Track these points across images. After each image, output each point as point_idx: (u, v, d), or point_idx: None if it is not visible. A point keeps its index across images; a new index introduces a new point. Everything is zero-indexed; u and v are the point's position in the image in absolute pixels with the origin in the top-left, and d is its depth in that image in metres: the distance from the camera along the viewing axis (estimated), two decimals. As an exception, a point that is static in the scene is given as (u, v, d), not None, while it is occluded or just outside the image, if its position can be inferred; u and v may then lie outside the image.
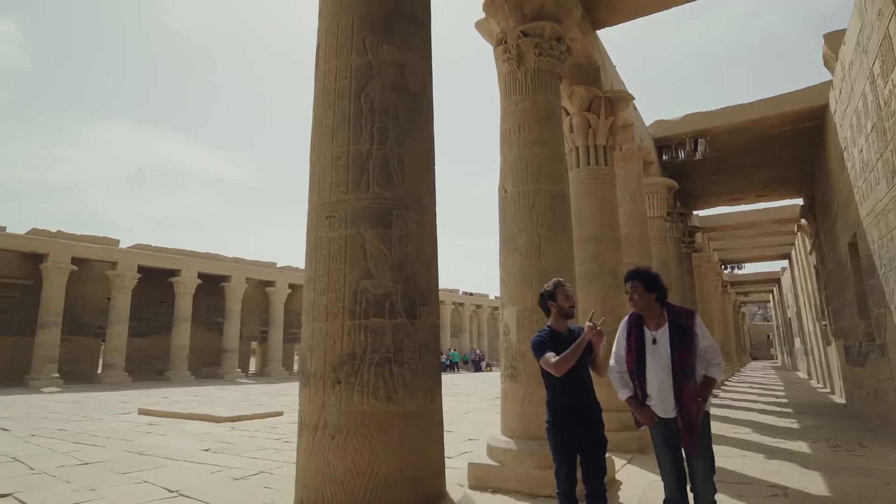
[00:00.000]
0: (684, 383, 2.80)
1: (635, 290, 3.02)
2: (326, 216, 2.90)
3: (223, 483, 5.67)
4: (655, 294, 3.01)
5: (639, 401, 2.98)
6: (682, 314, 2.98)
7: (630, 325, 3.09)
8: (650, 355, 2.94)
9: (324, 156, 2.99)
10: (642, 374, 2.95)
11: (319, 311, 2.82)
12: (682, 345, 2.85)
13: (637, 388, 2.98)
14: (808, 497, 4.62)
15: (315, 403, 2.74)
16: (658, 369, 2.89)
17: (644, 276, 3.03)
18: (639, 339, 3.00)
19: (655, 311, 3.01)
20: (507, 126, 5.61)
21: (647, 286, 2.99)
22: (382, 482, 2.60)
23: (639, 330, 3.02)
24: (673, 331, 2.91)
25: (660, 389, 2.89)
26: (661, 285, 3.04)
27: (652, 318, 3.01)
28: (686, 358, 2.83)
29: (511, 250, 5.31)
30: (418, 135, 3.09)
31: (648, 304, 2.99)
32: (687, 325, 2.90)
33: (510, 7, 5.59)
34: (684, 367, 2.82)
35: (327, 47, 3.16)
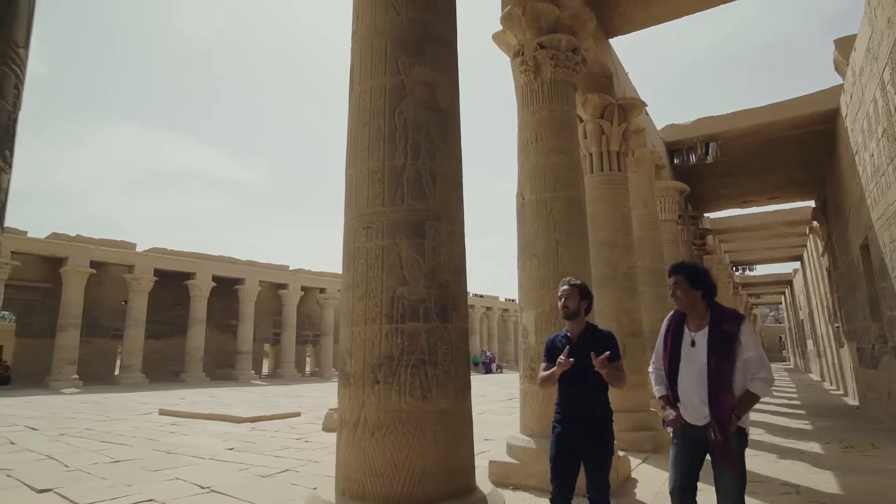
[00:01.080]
0: (720, 395, 2.56)
1: (678, 286, 2.77)
2: (364, 227, 3.11)
3: (251, 480, 5.88)
4: (702, 291, 2.75)
5: (669, 401, 2.79)
6: (726, 318, 2.70)
7: (671, 322, 2.86)
8: (685, 358, 2.72)
9: (360, 170, 3.20)
10: (674, 378, 2.75)
11: (358, 315, 3.02)
12: (721, 352, 2.60)
13: (669, 389, 2.79)
14: (820, 495, 4.76)
15: (355, 402, 2.94)
16: (690, 374, 2.68)
17: (689, 271, 2.78)
18: (676, 338, 2.78)
19: (700, 310, 2.75)
20: (525, 135, 5.80)
21: (693, 282, 2.74)
22: (419, 476, 2.79)
23: (678, 329, 2.80)
24: (713, 335, 2.65)
25: (689, 395, 2.68)
26: (708, 281, 2.77)
27: (695, 318, 2.76)
28: (724, 366, 2.58)
29: (529, 255, 5.49)
30: (448, 150, 3.29)
31: (693, 302, 2.74)
32: (730, 332, 2.64)
33: (527, 20, 5.78)
34: (721, 377, 2.57)
35: (362, 68, 3.37)
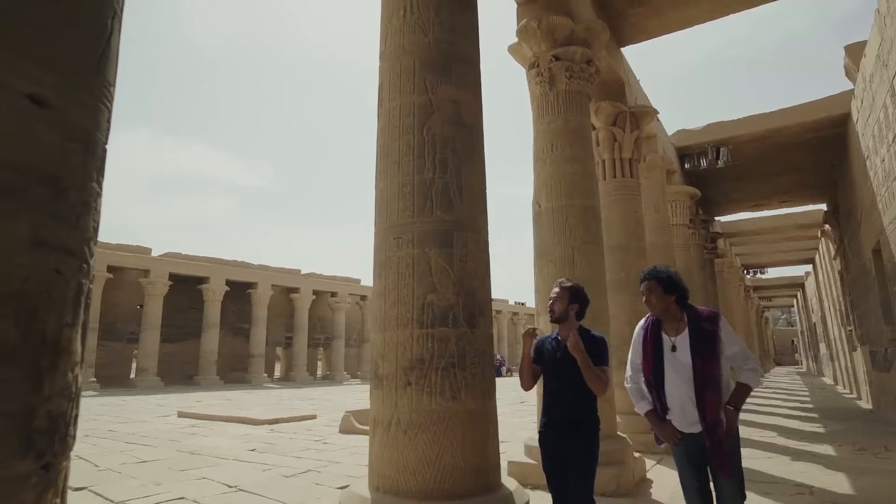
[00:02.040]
0: (706, 395, 2.53)
1: (651, 292, 2.73)
2: (395, 237, 3.29)
3: (276, 480, 6.07)
4: (675, 296, 2.71)
5: (658, 415, 2.71)
6: (704, 317, 2.67)
7: (646, 330, 2.80)
8: (669, 364, 2.66)
9: (391, 183, 3.39)
10: (660, 386, 2.67)
11: (390, 321, 3.20)
12: (704, 351, 2.58)
13: (656, 401, 2.70)
14: (832, 495, 4.86)
15: (388, 403, 3.12)
16: (677, 380, 2.61)
17: (661, 276, 2.74)
18: (655, 345, 2.72)
19: (675, 314, 2.71)
20: (540, 144, 5.97)
21: (665, 287, 2.70)
22: (449, 472, 2.96)
23: (656, 336, 2.74)
24: (694, 336, 2.61)
25: (680, 402, 2.62)
26: (680, 286, 2.74)
27: (671, 322, 2.72)
28: (709, 366, 2.55)
29: (546, 262, 5.65)
30: (473, 163, 3.47)
31: (667, 307, 2.71)
32: (710, 330, 2.61)
33: (542, 33, 5.96)
34: (707, 377, 2.54)
35: (391, 86, 3.56)
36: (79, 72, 1.50)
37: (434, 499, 2.92)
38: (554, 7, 6.04)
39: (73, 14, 1.49)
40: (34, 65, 1.37)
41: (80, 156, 1.50)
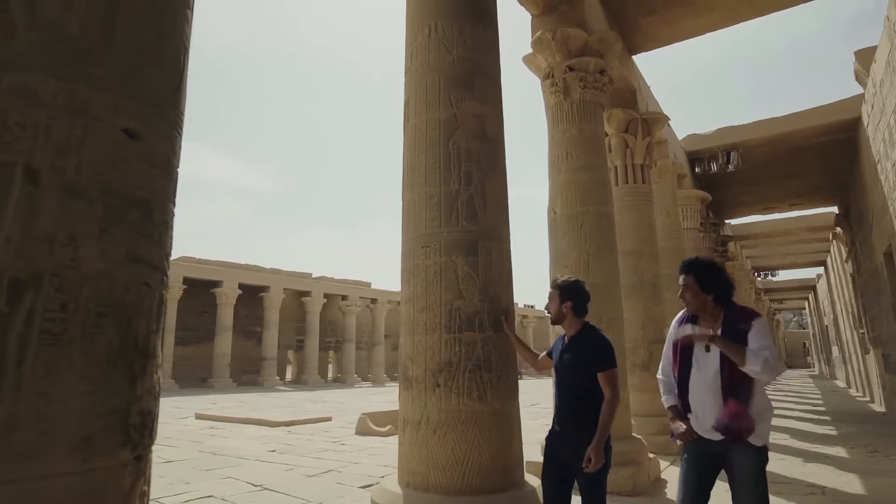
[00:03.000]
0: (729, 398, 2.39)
1: (688, 289, 2.56)
2: (423, 246, 3.47)
3: (298, 479, 6.26)
4: (713, 294, 2.53)
5: (679, 412, 2.59)
6: (739, 317, 2.48)
7: (680, 324, 2.65)
8: (697, 364, 2.51)
9: (418, 195, 3.56)
10: (684, 385, 2.55)
11: (419, 326, 3.38)
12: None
13: (679, 398, 2.59)
14: (844, 496, 4.97)
15: (418, 404, 3.29)
16: (702, 381, 2.48)
17: (701, 271, 2.54)
18: (686, 344, 2.56)
19: (712, 312, 2.54)
20: (555, 153, 6.13)
21: (703, 284, 2.52)
22: (477, 469, 3.12)
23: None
24: (726, 337, 2.43)
25: (702, 405, 2.48)
26: (721, 282, 2.55)
27: (706, 319, 2.55)
28: (735, 370, 2.37)
29: (561, 267, 5.80)
30: (496, 175, 3.64)
31: (703, 306, 2.54)
32: (742, 330, 2.42)
33: (557, 44, 6.12)
34: (736, 383, 2.38)
35: (417, 102, 3.74)
36: (161, 105, 1.70)
37: (462, 494, 3.08)
38: (568, 19, 6.20)
39: (160, 55, 1.70)
40: (129, 102, 1.58)
41: (163, 181, 1.70)
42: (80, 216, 1.44)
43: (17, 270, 1.32)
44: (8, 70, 1.39)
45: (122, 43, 1.59)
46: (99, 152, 1.50)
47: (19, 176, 1.36)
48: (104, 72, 1.54)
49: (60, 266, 1.39)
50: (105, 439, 1.43)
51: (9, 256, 1.31)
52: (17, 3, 1.42)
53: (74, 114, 1.46)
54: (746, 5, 7.22)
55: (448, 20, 3.77)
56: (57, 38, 1.46)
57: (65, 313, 1.37)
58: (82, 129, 1.47)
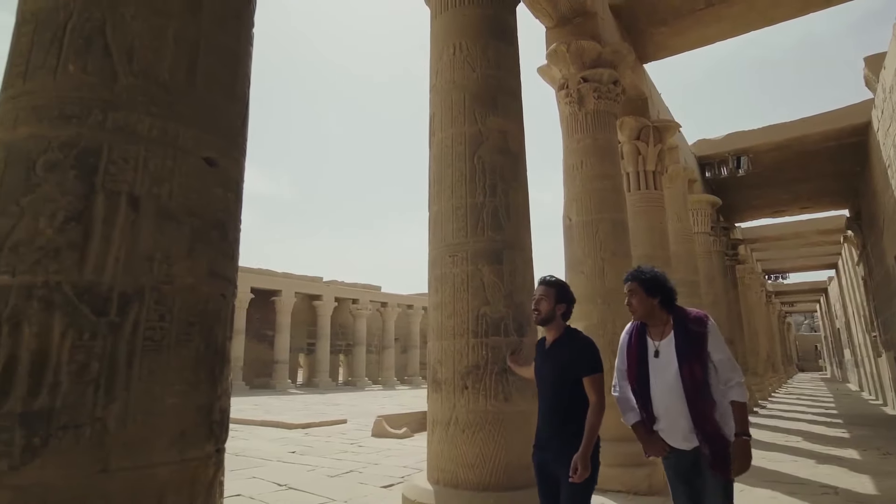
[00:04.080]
0: (699, 403, 2.35)
1: (633, 294, 2.57)
2: (450, 255, 3.65)
3: (321, 479, 6.45)
4: (658, 298, 2.53)
5: (645, 427, 2.54)
6: (690, 319, 2.49)
7: (630, 334, 2.65)
8: (653, 371, 2.48)
9: (445, 207, 3.75)
10: (646, 394, 2.50)
11: (447, 331, 3.56)
12: (692, 356, 2.39)
13: (642, 411, 2.53)
14: (857, 496, 5.09)
15: (447, 405, 3.47)
16: (663, 388, 2.44)
17: (643, 278, 2.56)
18: (639, 351, 2.55)
19: (660, 317, 2.53)
20: (570, 161, 6.31)
21: (648, 289, 2.53)
22: (504, 467, 3.30)
23: (640, 340, 2.58)
24: (680, 340, 2.43)
25: (667, 412, 2.44)
26: (664, 286, 2.56)
27: (656, 325, 2.55)
28: (697, 372, 2.36)
29: (577, 273, 5.97)
30: (518, 187, 3.83)
31: (650, 311, 2.53)
32: (697, 332, 2.43)
33: (571, 56, 6.30)
34: (697, 384, 2.35)
35: (443, 117, 3.93)
36: (232, 135, 1.91)
37: (490, 490, 3.25)
38: (582, 31, 6.38)
39: (231, 91, 1.91)
40: (209, 134, 1.79)
41: (234, 203, 1.91)
42: (172, 237, 1.65)
43: (124, 286, 1.53)
44: (112, 110, 1.61)
45: (201, 83, 1.80)
46: (186, 180, 1.71)
47: (124, 203, 1.57)
48: (188, 109, 1.76)
49: (158, 281, 1.59)
50: (195, 434, 1.64)
51: (118, 274, 1.52)
52: (118, 52, 1.63)
53: (166, 146, 1.68)
54: (756, 15, 7.37)
55: (472, 39, 3.97)
56: (150, 82, 1.68)
57: (162, 322, 1.58)
58: (172, 160, 1.68)
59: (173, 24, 1.75)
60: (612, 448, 5.18)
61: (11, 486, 1.33)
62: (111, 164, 1.58)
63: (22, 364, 1.41)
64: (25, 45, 1.66)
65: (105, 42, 1.64)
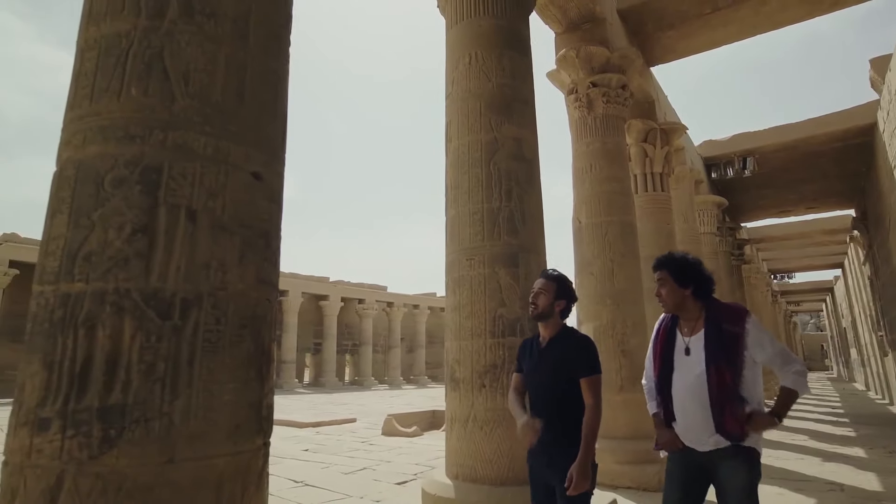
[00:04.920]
0: (726, 412, 2.13)
1: (662, 284, 2.37)
2: (467, 258, 3.79)
3: (336, 476, 6.60)
4: (690, 288, 2.30)
5: (662, 420, 2.38)
6: (726, 316, 2.24)
7: (661, 327, 2.46)
8: (678, 370, 2.28)
9: (462, 211, 3.89)
10: (667, 391, 2.32)
11: (465, 331, 3.70)
12: (722, 358, 2.15)
13: (661, 406, 2.38)
14: (863, 492, 5.19)
15: (465, 403, 3.60)
16: (683, 389, 2.24)
17: (674, 265, 2.34)
18: (665, 346, 2.36)
19: (692, 310, 2.31)
20: (580, 165, 6.43)
21: (679, 278, 2.30)
22: (521, 462, 3.41)
23: (669, 335, 2.37)
24: (710, 338, 2.20)
25: (685, 413, 2.25)
26: (698, 276, 2.32)
27: (687, 320, 2.33)
28: (726, 377, 2.13)
29: (587, 274, 6.10)
30: (533, 192, 3.96)
31: (681, 302, 2.31)
32: (733, 332, 2.17)
33: (581, 62, 6.43)
34: (724, 391, 2.13)
35: (459, 125, 4.07)
36: (275, 150, 2.06)
37: (507, 484, 3.39)
38: (590, 37, 6.50)
39: (274, 109, 2.05)
40: (256, 150, 1.93)
41: (277, 213, 2.05)
42: (225, 247, 1.79)
43: (185, 292, 1.67)
44: (171, 130, 1.75)
45: (248, 102, 1.95)
46: (236, 193, 1.85)
47: (183, 216, 1.72)
48: (238, 127, 1.90)
49: (214, 288, 1.74)
50: (247, 428, 1.78)
51: (179, 281, 1.67)
52: (175, 76, 1.78)
53: (219, 163, 1.82)
54: (763, 19, 7.46)
55: (487, 49, 4.10)
56: (204, 103, 1.82)
57: (218, 326, 1.73)
58: (224, 175, 1.83)
59: (224, 50, 1.89)
60: (624, 445, 5.33)
61: (92, 474, 1.48)
62: (171, 179, 1.72)
63: (97, 364, 1.55)
64: (90, 69, 1.80)
65: (163, 67, 1.78)
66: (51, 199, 1.76)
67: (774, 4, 7.16)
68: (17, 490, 1.51)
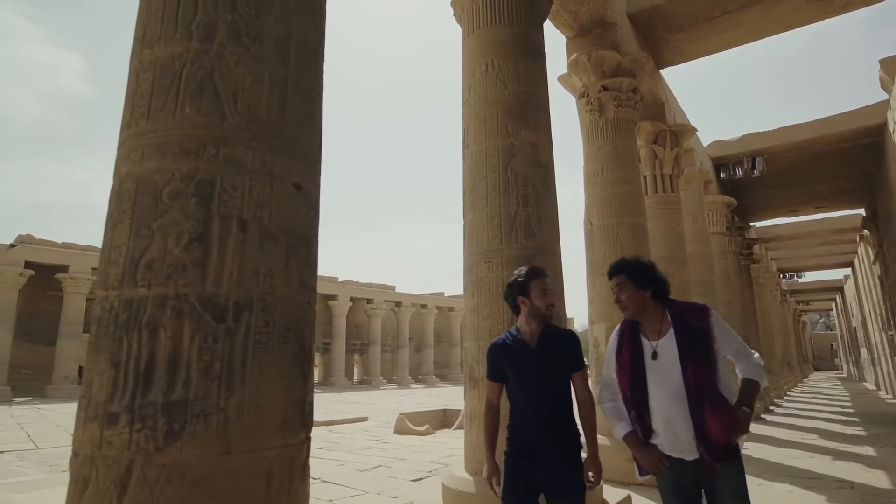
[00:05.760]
0: (706, 409, 2.04)
1: (622, 289, 2.28)
2: (485, 261, 3.91)
3: (352, 473, 6.73)
4: (650, 290, 2.25)
5: (639, 438, 2.21)
6: (690, 312, 2.21)
7: (621, 336, 2.31)
8: (652, 376, 2.17)
9: (480, 216, 4.01)
10: (643, 403, 2.18)
11: (484, 332, 3.81)
12: (696, 355, 2.10)
13: (636, 423, 2.21)
14: (873, 490, 5.27)
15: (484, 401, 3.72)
16: (663, 395, 2.13)
17: (632, 269, 2.29)
18: (634, 354, 2.23)
19: (654, 313, 2.24)
20: (591, 167, 6.53)
21: (638, 281, 2.25)
22: (538, 458, 3.54)
23: (634, 341, 2.26)
24: (681, 337, 2.14)
25: (667, 422, 2.12)
26: (655, 276, 2.28)
27: (650, 323, 2.24)
28: (704, 373, 2.08)
29: (598, 275, 6.20)
30: (548, 197, 4.07)
31: (643, 306, 2.24)
32: (700, 327, 2.14)
33: (592, 66, 6.53)
34: (703, 387, 2.06)
35: (476, 131, 4.19)
36: (313, 161, 2.19)
37: (526, 480, 3.50)
38: (601, 41, 6.60)
39: (311, 122, 2.19)
40: (297, 162, 2.07)
41: (315, 221, 2.19)
42: (272, 254, 1.92)
43: (237, 297, 1.81)
44: (222, 145, 1.89)
45: (290, 118, 2.08)
46: (280, 203, 1.99)
47: (234, 226, 1.85)
48: (281, 141, 2.04)
49: (263, 292, 1.87)
50: (293, 423, 1.91)
51: (232, 286, 1.80)
52: (225, 95, 1.92)
53: (265, 175, 1.95)
54: (772, 22, 7.53)
55: (503, 57, 4.22)
56: (252, 120, 1.96)
57: (267, 328, 1.86)
58: (270, 187, 1.96)
59: (268, 69, 2.02)
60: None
61: (158, 464, 1.61)
62: (223, 192, 1.85)
63: (160, 363, 1.68)
64: (146, 89, 1.93)
65: (214, 87, 1.91)
66: (111, 211, 1.90)
67: (784, 7, 7.23)
68: (88, 479, 1.65)
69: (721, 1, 7.05)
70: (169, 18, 1.97)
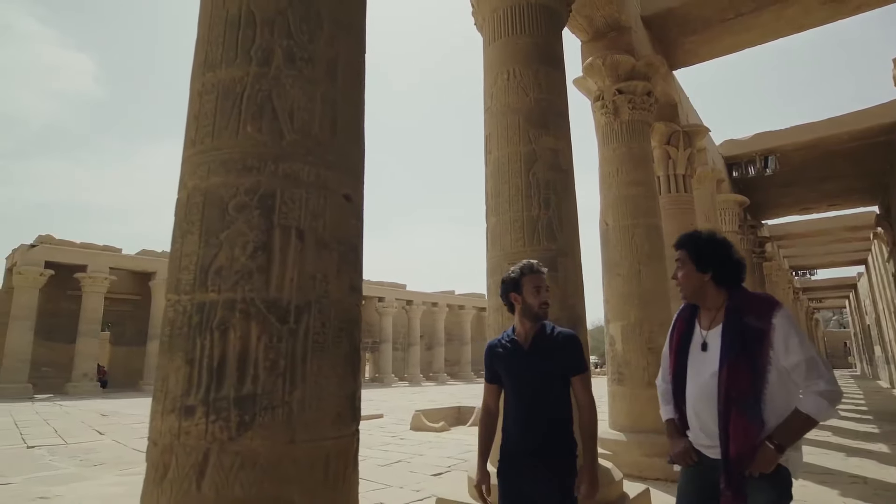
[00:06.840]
0: (734, 417, 1.80)
1: (681, 266, 2.05)
2: (509, 263, 4.02)
3: (373, 468, 6.91)
4: (710, 274, 1.98)
5: (677, 427, 2.09)
6: (751, 306, 1.90)
7: (678, 319, 2.14)
8: (693, 365, 2.00)
9: (502, 219, 4.16)
10: (680, 392, 2.04)
11: (508, 331, 3.97)
12: (740, 357, 1.83)
13: (677, 412, 2.08)
14: (886, 486, 5.37)
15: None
16: (696, 391, 1.96)
17: (694, 245, 2.02)
18: (682, 339, 2.06)
19: (712, 299, 2.00)
20: (606, 169, 6.66)
21: (699, 260, 1.99)
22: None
23: (687, 326, 2.08)
24: (728, 333, 1.88)
25: (697, 415, 1.97)
26: (724, 258, 1.99)
27: (707, 310, 2.02)
28: (742, 379, 1.80)
29: (614, 275, 6.33)
30: (569, 201, 4.22)
31: (700, 289, 2.01)
32: (756, 327, 1.83)
33: (607, 69, 6.65)
34: (735, 394, 1.80)
35: (499, 137, 4.34)
36: (358, 172, 2.36)
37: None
38: (616, 45, 6.72)
39: (357, 136, 2.35)
40: (345, 175, 2.24)
41: (361, 229, 2.35)
42: (326, 261, 2.10)
43: (298, 300, 1.98)
44: (281, 161, 2.07)
45: (339, 134, 2.26)
46: (332, 214, 2.16)
47: (293, 235, 2.03)
48: (332, 155, 2.21)
49: (319, 296, 2.04)
50: (346, 416, 2.09)
51: (293, 291, 1.98)
52: (282, 115, 2.09)
53: (319, 188, 2.13)
54: (785, 23, 7.60)
55: (524, 66, 4.36)
56: (306, 137, 2.13)
57: (324, 329, 2.03)
58: (324, 199, 2.13)
59: (320, 89, 2.19)
60: (652, 438, 5.57)
61: (232, 452, 1.79)
62: (283, 204, 2.02)
63: (230, 360, 1.86)
64: (210, 110, 2.11)
65: (273, 107, 2.09)
66: (179, 222, 2.08)
67: (797, 9, 7.30)
68: (168, 465, 1.83)
69: (735, 3, 7.14)
70: (230, 44, 2.15)
